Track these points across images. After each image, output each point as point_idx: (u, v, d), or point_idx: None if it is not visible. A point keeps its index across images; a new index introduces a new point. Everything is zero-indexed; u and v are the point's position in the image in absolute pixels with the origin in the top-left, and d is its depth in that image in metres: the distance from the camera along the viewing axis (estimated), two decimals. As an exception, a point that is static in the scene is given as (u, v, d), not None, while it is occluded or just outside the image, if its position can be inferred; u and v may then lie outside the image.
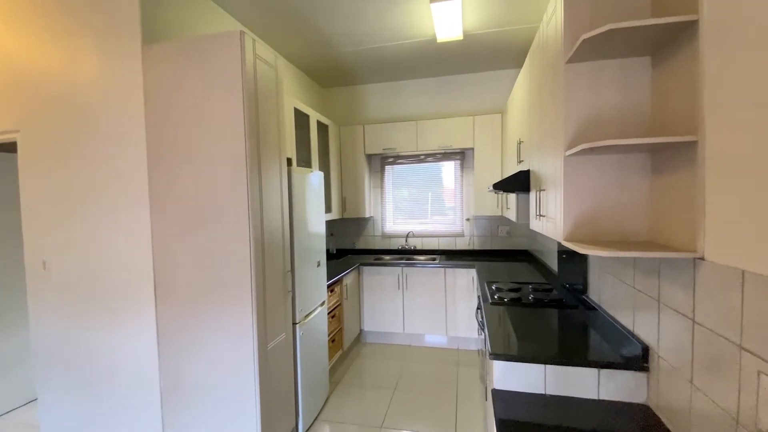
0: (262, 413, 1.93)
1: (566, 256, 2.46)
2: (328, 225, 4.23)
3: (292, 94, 3.61)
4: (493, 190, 2.72)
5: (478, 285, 2.86)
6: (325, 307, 2.85)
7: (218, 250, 1.92)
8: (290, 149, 2.92)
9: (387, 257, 4.25)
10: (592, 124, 1.32)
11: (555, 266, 2.89)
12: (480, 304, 2.37)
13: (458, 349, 3.74)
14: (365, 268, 3.91)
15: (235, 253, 1.90)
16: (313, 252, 2.63)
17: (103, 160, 2.11)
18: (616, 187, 1.32)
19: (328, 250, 4.29)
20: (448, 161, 4.30)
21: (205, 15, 2.48)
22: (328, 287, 3.01)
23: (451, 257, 4.09)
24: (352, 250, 4.57)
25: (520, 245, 4.12)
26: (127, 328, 2.11)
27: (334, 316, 3.26)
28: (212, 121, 1.89)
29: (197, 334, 1.98)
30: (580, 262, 2.15)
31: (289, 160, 2.35)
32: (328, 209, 3.81)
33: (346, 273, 3.52)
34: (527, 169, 2.33)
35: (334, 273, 3.34)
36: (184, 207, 1.96)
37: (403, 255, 4.33)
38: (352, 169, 4.21)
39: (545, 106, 1.75)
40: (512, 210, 3.19)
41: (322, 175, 2.88)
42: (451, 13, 2.71)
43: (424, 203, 4.42)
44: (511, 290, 2.53)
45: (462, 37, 3.13)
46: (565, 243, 1.35)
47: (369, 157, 4.38)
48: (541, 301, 2.26)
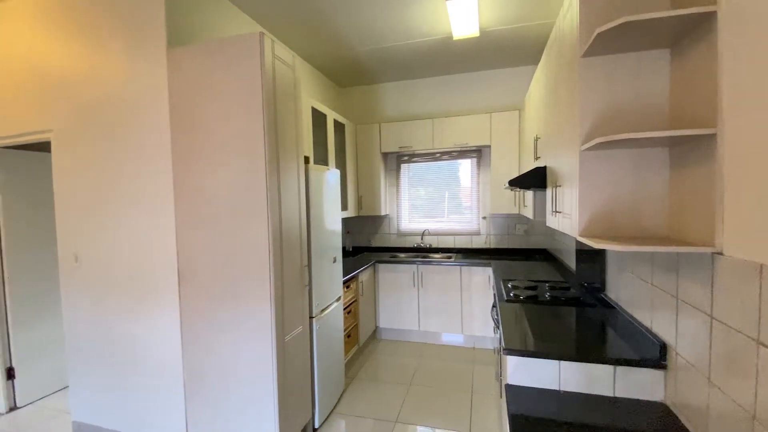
0: (279, 403, 1.98)
1: (584, 254, 2.43)
2: (344, 223, 4.28)
3: (309, 94, 3.68)
4: (509, 187, 2.70)
5: (494, 283, 2.85)
6: (341, 303, 2.90)
7: (238, 245, 1.99)
8: (308, 148, 2.98)
9: (402, 255, 4.26)
10: (607, 118, 1.30)
11: (573, 265, 2.84)
12: (495, 302, 2.36)
13: (474, 348, 3.73)
14: (381, 266, 3.95)
15: (255, 247, 1.96)
16: (329, 248, 2.68)
17: (131, 158, 2.21)
18: (633, 182, 1.31)
19: (344, 247, 4.35)
20: (464, 159, 4.28)
21: (226, 17, 2.56)
22: (344, 283, 3.06)
23: (467, 255, 4.07)
24: (367, 248, 4.61)
25: (538, 244, 4.06)
26: (153, 319, 2.21)
27: (350, 312, 3.31)
28: (233, 120, 1.96)
29: (218, 325, 2.06)
30: (598, 261, 2.11)
31: (307, 159, 2.40)
32: (345, 207, 3.85)
33: (362, 270, 3.56)
34: (544, 165, 2.31)
35: (350, 269, 3.38)
36: (206, 203, 2.04)
37: (419, 253, 4.34)
38: (368, 168, 4.24)
39: (561, 102, 1.74)
40: (529, 207, 3.16)
41: (339, 173, 2.93)
42: (467, 10, 2.70)
43: (440, 201, 4.42)
44: (528, 288, 2.51)
45: (478, 34, 3.12)
46: (580, 238, 1.34)
47: (385, 156, 4.41)
48: (558, 299, 2.24)
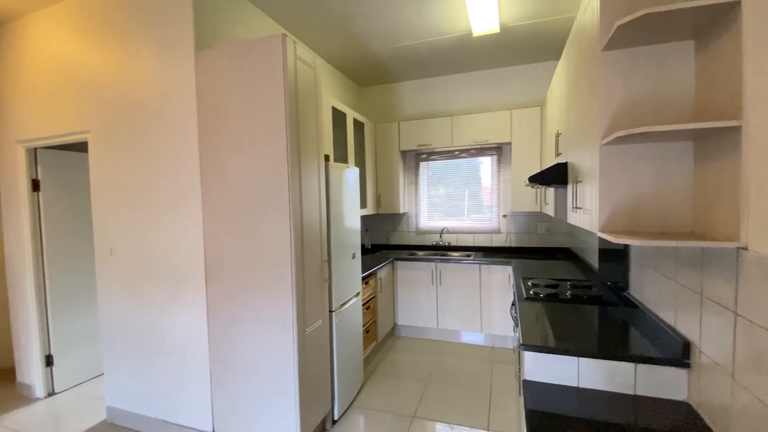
0: (300, 393, 2.05)
1: (607, 253, 2.38)
2: (363, 220, 4.34)
3: (330, 94, 3.74)
4: (529, 184, 2.67)
5: (514, 282, 2.82)
6: (360, 299, 2.94)
7: (261, 239, 2.06)
8: (328, 146, 3.04)
9: (421, 253, 4.27)
10: (628, 112, 1.28)
11: (596, 264, 2.79)
12: (515, 300, 2.35)
13: (494, 347, 3.70)
14: (399, 263, 3.97)
15: (277, 242, 2.03)
16: (348, 244, 2.73)
17: (161, 156, 2.33)
18: (656, 177, 1.28)
19: (363, 245, 4.40)
20: (484, 156, 4.24)
21: (249, 19, 2.65)
22: (362, 279, 3.11)
23: (487, 254, 4.03)
24: (386, 246, 4.64)
25: (560, 243, 3.99)
26: (182, 311, 2.32)
27: (369, 308, 3.35)
28: (256, 119, 2.03)
29: (242, 316, 2.14)
30: (622, 259, 2.07)
31: (327, 157, 2.45)
32: (364, 205, 3.90)
33: (381, 267, 3.59)
34: (565, 161, 2.28)
35: (369, 266, 3.42)
36: (231, 199, 2.12)
37: (437, 251, 4.34)
38: (387, 166, 4.28)
39: (582, 96, 1.71)
40: (551, 205, 3.11)
41: (358, 171, 2.97)
42: (487, 6, 2.69)
43: (460, 200, 4.39)
44: (548, 286, 2.48)
45: (498, 30, 3.10)
46: (600, 233, 1.32)
47: (404, 154, 4.43)
48: (579, 298, 2.21)
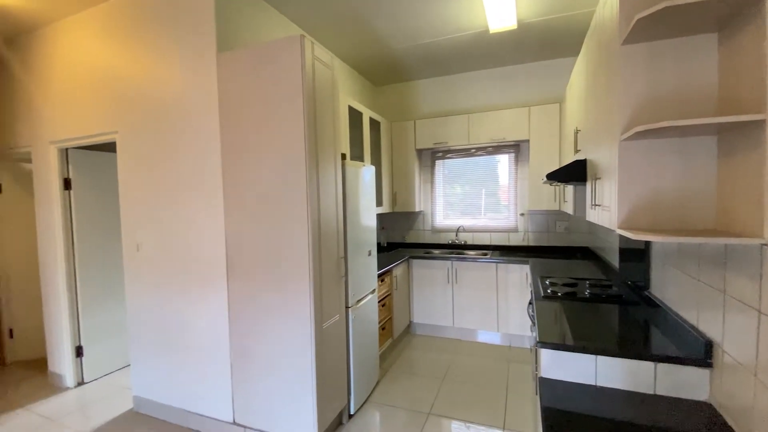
0: (317, 386, 2.09)
1: (628, 252, 2.33)
2: (379, 219, 4.36)
3: (346, 93, 3.78)
4: (547, 181, 2.64)
5: (531, 280, 2.79)
6: (376, 295, 2.97)
7: (280, 235, 2.12)
8: (344, 145, 3.08)
9: (437, 251, 4.27)
10: (649, 107, 1.26)
11: (617, 263, 2.73)
12: (532, 299, 2.33)
13: (510, 347, 3.67)
14: (415, 261, 3.98)
15: (295, 238, 2.07)
16: (364, 241, 2.76)
17: (185, 155, 2.41)
18: (677, 173, 1.25)
19: (379, 243, 4.42)
20: (501, 154, 4.20)
21: (267, 21, 2.70)
22: (378, 276, 3.13)
23: (504, 253, 3.99)
24: (401, 244, 4.66)
25: (580, 242, 3.92)
26: (204, 304, 2.39)
27: (384, 305, 3.37)
28: (276, 119, 2.08)
29: (262, 310, 2.20)
30: (643, 258, 2.03)
31: (344, 155, 2.48)
32: (379, 203, 3.93)
33: (396, 264, 3.61)
34: (584, 158, 2.24)
35: (385, 264, 3.44)
36: (252, 197, 2.18)
37: (453, 249, 4.33)
38: (402, 164, 4.29)
39: (601, 92, 1.69)
40: (569, 203, 3.06)
41: (374, 170, 3.00)
42: (505, 3, 2.67)
43: (476, 198, 4.36)
44: (567, 285, 2.45)
45: (516, 27, 3.06)
46: (619, 230, 1.31)
47: (419, 152, 4.43)
48: (598, 297, 2.17)
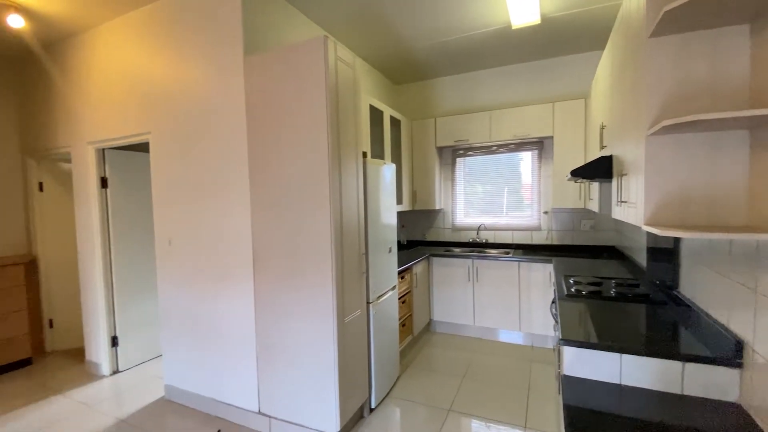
0: (339, 379, 2.14)
1: (656, 251, 2.27)
2: (399, 217, 4.38)
3: (366, 91, 3.82)
4: (571, 178, 2.59)
5: (555, 279, 2.75)
6: (396, 292, 3.00)
7: (304, 231, 2.18)
8: (365, 143, 3.11)
9: (457, 250, 4.25)
10: (677, 101, 1.23)
11: (644, 263, 2.66)
12: (555, 298, 2.30)
13: (533, 347, 3.62)
14: (435, 259, 3.98)
15: (318, 234, 2.13)
16: (385, 238, 2.79)
17: (214, 154, 2.50)
18: (707, 168, 1.22)
19: (399, 241, 4.44)
20: (524, 151, 4.14)
21: (291, 22, 2.77)
22: (398, 273, 3.16)
23: (527, 252, 3.93)
24: (421, 242, 4.66)
25: (606, 241, 3.82)
26: (231, 297, 2.49)
27: (405, 302, 3.40)
28: (300, 118, 2.14)
29: (286, 303, 2.26)
30: (672, 257, 1.97)
31: (365, 154, 2.52)
32: (399, 201, 3.95)
33: (416, 262, 3.62)
34: (610, 154, 2.19)
35: (405, 261, 3.46)
36: (277, 194, 2.25)
37: (474, 248, 4.30)
38: (423, 162, 4.29)
39: (627, 86, 1.65)
40: (595, 201, 2.99)
41: (394, 168, 3.02)
42: (527, -2, 2.63)
43: (498, 196, 4.32)
44: (591, 284, 2.40)
45: (539, 21, 3.02)
46: (646, 227, 1.28)
47: (440, 150, 4.42)
48: (624, 296, 2.13)
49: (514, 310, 3.66)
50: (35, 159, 3.63)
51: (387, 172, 2.85)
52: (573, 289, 2.30)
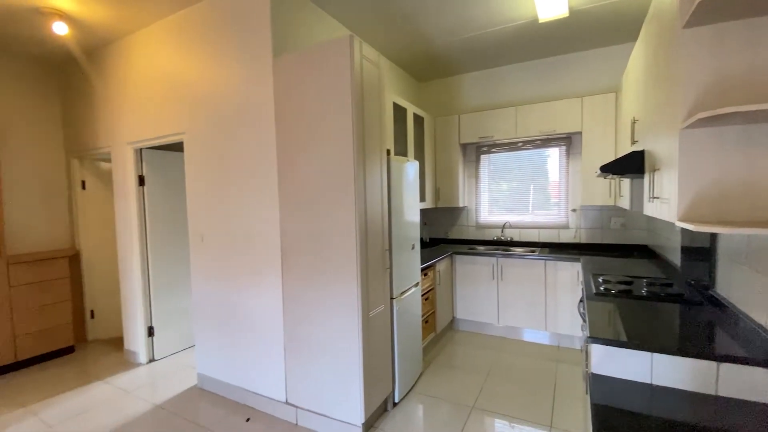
0: (364, 372, 2.18)
1: (691, 250, 2.18)
2: (422, 214, 4.38)
3: (390, 89, 3.84)
4: (601, 174, 2.52)
5: (583, 278, 2.70)
6: (419, 289, 3.01)
7: (330, 227, 2.23)
8: (389, 141, 3.14)
9: (481, 248, 4.21)
10: (711, 93, 1.19)
11: (678, 262, 2.56)
12: (583, 297, 2.26)
13: (559, 347, 3.56)
14: (458, 257, 3.96)
15: (344, 229, 2.17)
16: (408, 235, 2.81)
17: (244, 153, 2.59)
18: (744, 162, 1.17)
19: (422, 238, 4.44)
20: (550, 148, 4.06)
21: (317, 22, 2.82)
22: (422, 270, 3.17)
23: (554, 250, 3.84)
24: (444, 240, 4.65)
25: (637, 239, 3.69)
26: (260, 291, 2.57)
27: (428, 299, 3.41)
28: (326, 117, 2.19)
29: (313, 297, 2.33)
30: (707, 256, 1.90)
31: (388, 151, 2.55)
32: (423, 198, 3.95)
33: (439, 259, 3.62)
34: (641, 149, 2.13)
35: (427, 259, 3.47)
36: (304, 192, 2.32)
37: (499, 246, 4.25)
38: (446, 159, 4.28)
39: (660, 78, 1.60)
40: (626, 198, 2.90)
41: (418, 165, 3.04)
42: (555, -9, 2.58)
43: (524, 194, 4.24)
44: (621, 283, 2.34)
45: (567, 14, 2.95)
46: (679, 223, 1.25)
47: (464, 147, 4.39)
48: (656, 295, 2.06)
49: (540, 310, 3.60)
50: (78, 158, 3.86)
51: (410, 169, 2.86)
52: (602, 288, 2.25)
